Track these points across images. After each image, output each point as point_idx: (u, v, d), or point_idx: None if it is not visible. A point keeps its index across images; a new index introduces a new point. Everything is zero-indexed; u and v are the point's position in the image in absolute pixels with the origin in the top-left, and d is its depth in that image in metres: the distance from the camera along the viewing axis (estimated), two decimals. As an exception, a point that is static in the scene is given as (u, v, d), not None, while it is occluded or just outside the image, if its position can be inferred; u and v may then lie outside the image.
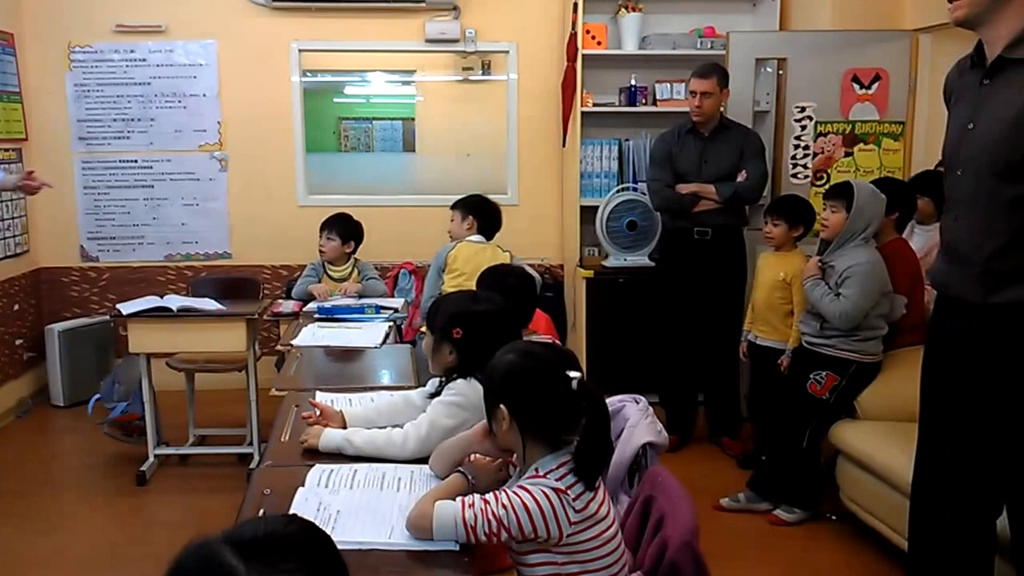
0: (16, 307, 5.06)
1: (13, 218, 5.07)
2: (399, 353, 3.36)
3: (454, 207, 4.25)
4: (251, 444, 4.20)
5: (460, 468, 1.88)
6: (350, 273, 4.38)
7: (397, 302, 4.14)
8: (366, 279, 4.34)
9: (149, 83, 5.27)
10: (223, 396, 4.75)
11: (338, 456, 2.16)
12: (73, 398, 5.12)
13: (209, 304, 4.03)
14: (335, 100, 5.79)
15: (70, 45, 5.22)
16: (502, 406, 1.74)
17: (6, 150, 4.97)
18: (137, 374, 4.08)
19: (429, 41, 5.30)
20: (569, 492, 1.66)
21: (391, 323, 3.76)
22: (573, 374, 1.70)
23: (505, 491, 1.69)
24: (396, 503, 1.84)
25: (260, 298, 4.53)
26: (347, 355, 3.35)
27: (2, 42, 4.95)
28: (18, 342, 5.07)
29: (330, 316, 3.81)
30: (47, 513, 3.79)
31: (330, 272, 4.38)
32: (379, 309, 3.90)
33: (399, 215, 5.44)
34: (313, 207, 5.22)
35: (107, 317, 5.30)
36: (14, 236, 5.07)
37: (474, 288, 3.02)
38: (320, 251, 4.38)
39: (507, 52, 5.42)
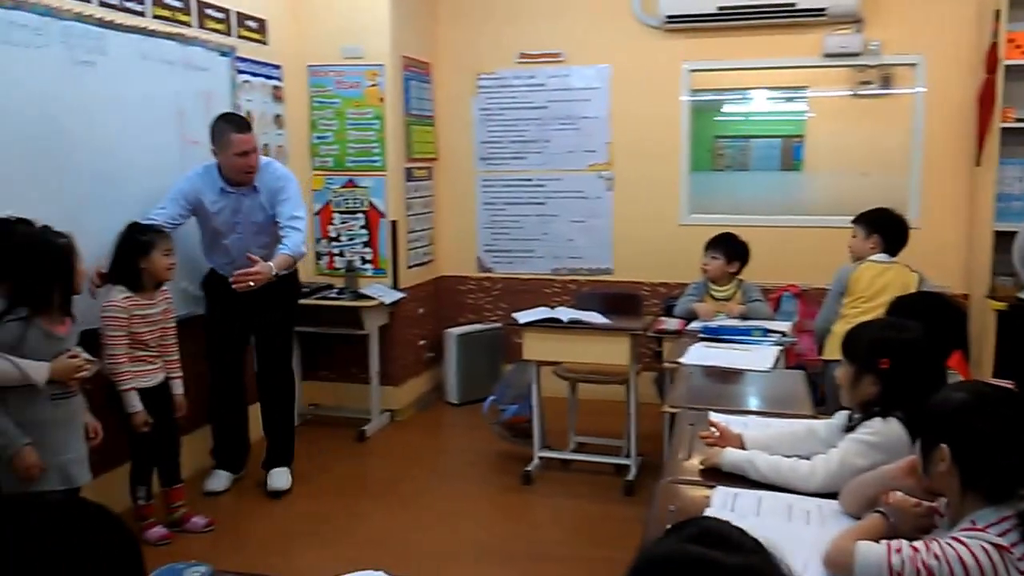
0: (421, 311, 5.65)
1: (424, 230, 5.69)
2: (792, 379, 3.23)
3: (857, 222, 4.00)
4: (628, 456, 4.27)
5: (878, 508, 1.75)
6: (733, 293, 4.28)
7: (784, 325, 3.97)
8: (751, 300, 4.21)
9: (546, 107, 5.63)
10: (602, 407, 4.87)
11: (739, 480, 2.13)
12: (465, 397, 5.59)
13: (596, 317, 4.17)
14: (715, 119, 5.74)
15: (477, 72, 5.74)
16: (945, 446, 1.58)
17: (421, 168, 5.60)
18: (528, 379, 4.33)
19: (827, 56, 5.12)
20: (1013, 551, 1.47)
21: (780, 347, 3.61)
22: None
23: (937, 541, 1.54)
24: (806, 537, 1.77)
25: (641, 314, 4.59)
26: (736, 377, 3.29)
27: (421, 71, 5.58)
28: (421, 343, 5.67)
29: (715, 336, 3.75)
30: (441, 502, 4.15)
31: (713, 292, 4.31)
32: (766, 332, 3.77)
33: (782, 235, 5.25)
34: (693, 226, 5.23)
35: (498, 324, 5.75)
36: (423, 246, 5.69)
37: (878, 313, 2.81)
38: (703, 270, 4.34)
39: (914, 65, 5.08)
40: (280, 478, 4.17)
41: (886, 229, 3.90)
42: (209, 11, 4.39)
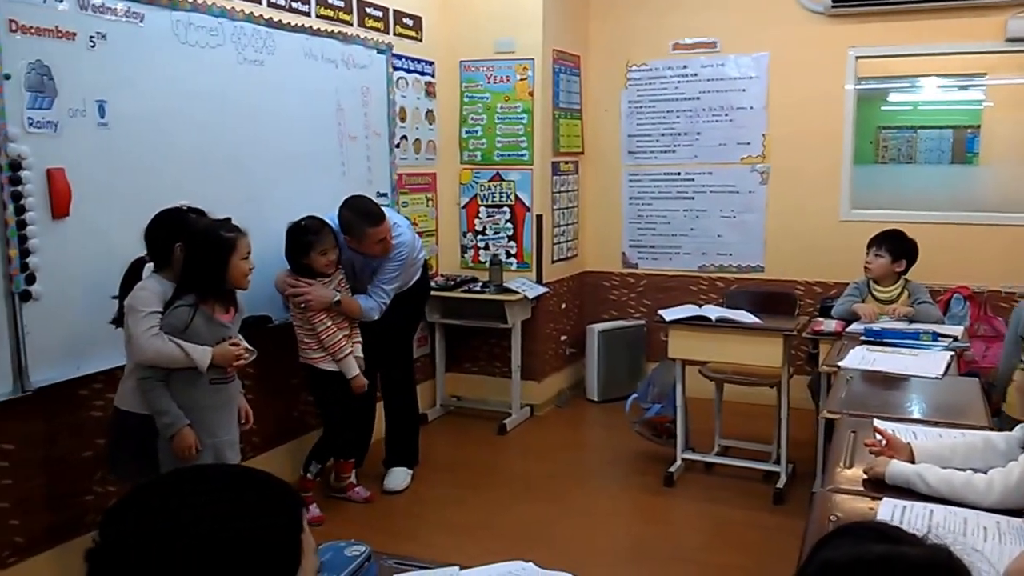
0: (563, 306, 5.62)
1: (568, 225, 5.65)
2: (966, 387, 3.00)
3: None
4: (777, 462, 4.08)
5: None
6: (899, 294, 3.99)
7: (956, 329, 3.68)
8: (918, 302, 3.91)
9: (698, 98, 5.46)
10: (749, 409, 4.69)
11: (906, 492, 1.99)
12: (605, 394, 5.51)
13: (746, 316, 4.01)
14: (882, 108, 5.40)
15: (628, 64, 5.63)
16: None
17: (566, 163, 5.55)
18: (672, 378, 4.21)
19: (1010, 40, 4.71)
20: None
21: (951, 352, 3.34)
22: None
23: None
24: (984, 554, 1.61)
25: (795, 314, 4.37)
26: (901, 383, 3.06)
27: (571, 64, 5.54)
28: (563, 338, 5.63)
29: (879, 339, 3.51)
30: (580, 498, 4.09)
31: (876, 292, 4.04)
32: (936, 336, 3.49)
33: (953, 233, 4.89)
34: (855, 222, 4.94)
35: (641, 321, 5.64)
36: (567, 241, 5.65)
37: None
38: (865, 268, 4.07)
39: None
40: (396, 478, 4.15)
41: None
42: (369, 9, 4.52)
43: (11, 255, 2.76)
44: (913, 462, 2.08)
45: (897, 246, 4.01)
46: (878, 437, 2.21)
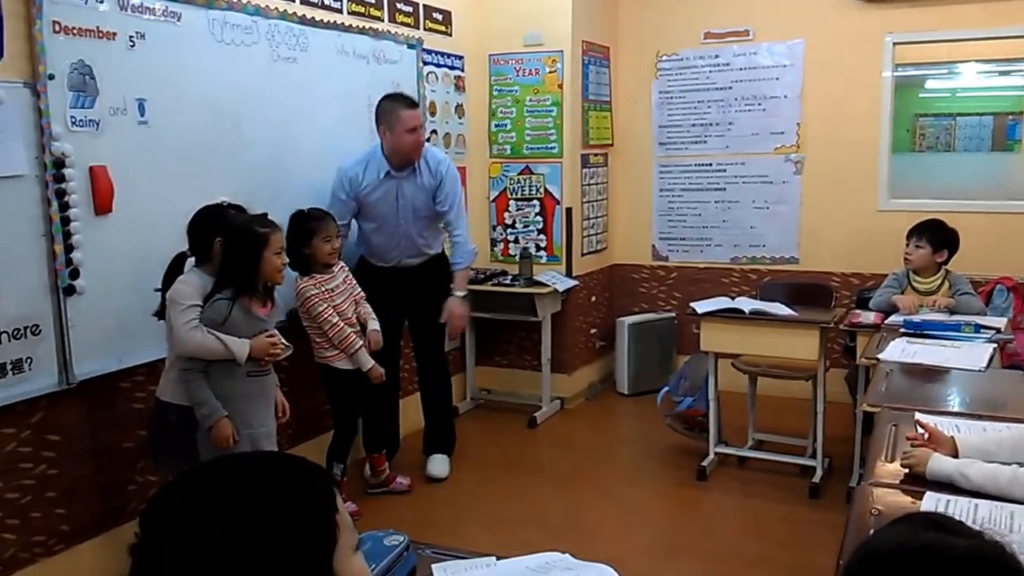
0: (593, 299, 5.60)
1: (598, 217, 5.62)
2: (1009, 380, 2.97)
3: None
4: (813, 457, 4.04)
5: None
6: (939, 286, 3.93)
7: (999, 321, 3.62)
8: (960, 293, 3.85)
9: (730, 87, 5.40)
10: (784, 403, 4.65)
11: (949, 485, 1.95)
12: (636, 387, 5.48)
13: (781, 309, 3.98)
14: (919, 96, 5.31)
15: (658, 54, 5.58)
16: None
17: (596, 155, 5.53)
18: (704, 371, 4.18)
19: (1051, 23, 4.59)
20: None
21: (995, 345, 3.28)
22: None
23: None
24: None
25: (832, 306, 4.32)
26: (942, 376, 3.01)
27: (600, 55, 5.50)
28: (593, 331, 5.61)
29: (919, 331, 3.46)
30: (612, 492, 4.09)
31: (915, 283, 3.98)
32: (978, 328, 3.44)
33: (994, 222, 4.79)
34: (893, 212, 4.86)
35: (671, 314, 5.61)
36: (597, 234, 5.63)
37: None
38: (905, 259, 4.00)
39: None
40: (439, 465, 4.19)
41: None
42: (399, 5, 4.53)
43: (56, 251, 2.83)
44: (956, 456, 2.05)
45: (938, 236, 3.94)
46: (920, 430, 2.18)
